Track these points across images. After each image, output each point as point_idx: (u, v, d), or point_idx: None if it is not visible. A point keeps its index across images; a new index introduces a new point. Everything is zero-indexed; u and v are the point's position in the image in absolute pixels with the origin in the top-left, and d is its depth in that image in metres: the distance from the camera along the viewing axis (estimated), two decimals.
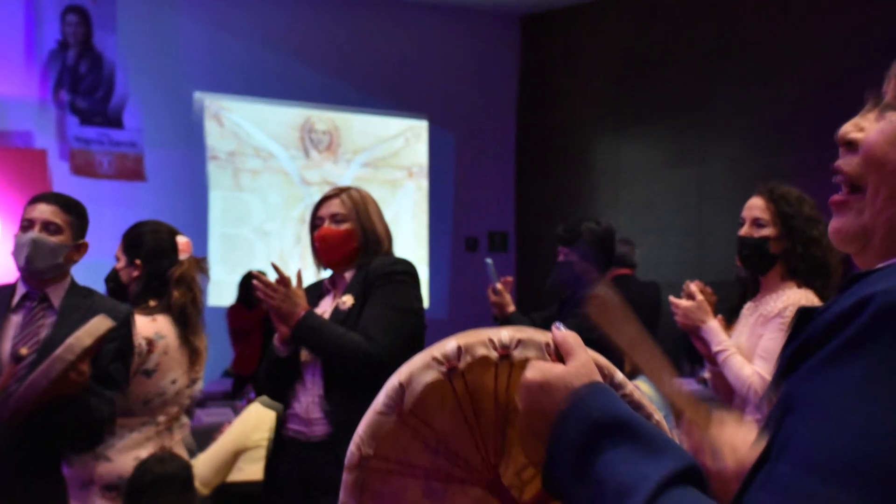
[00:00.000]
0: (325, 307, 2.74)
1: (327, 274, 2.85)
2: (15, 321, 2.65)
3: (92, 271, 3.05)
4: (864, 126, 0.89)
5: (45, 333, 2.61)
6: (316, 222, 2.78)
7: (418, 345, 2.61)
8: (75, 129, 6.99)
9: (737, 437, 1.08)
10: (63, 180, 6.60)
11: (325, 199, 2.81)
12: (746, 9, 6.94)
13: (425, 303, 2.89)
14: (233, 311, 6.68)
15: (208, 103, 7.56)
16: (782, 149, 6.47)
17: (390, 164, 8.35)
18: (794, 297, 2.59)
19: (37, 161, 6.56)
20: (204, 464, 3.32)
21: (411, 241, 8.12)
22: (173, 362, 2.90)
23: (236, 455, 3.36)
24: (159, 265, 2.91)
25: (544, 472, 0.88)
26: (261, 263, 6.86)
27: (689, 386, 4.06)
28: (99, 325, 2.45)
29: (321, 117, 8.02)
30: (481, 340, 1.00)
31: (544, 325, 2.11)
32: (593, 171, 8.05)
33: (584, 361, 0.93)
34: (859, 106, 0.94)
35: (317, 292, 2.80)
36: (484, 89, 8.47)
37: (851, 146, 0.89)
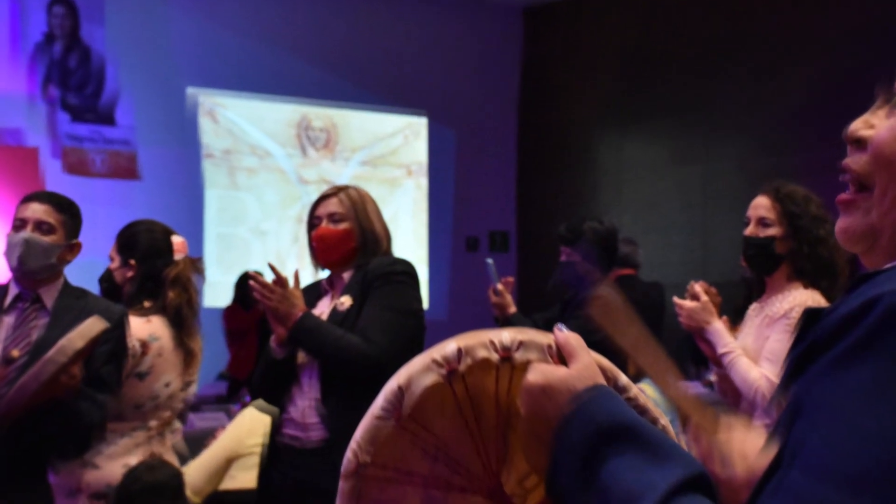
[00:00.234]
0: (322, 308, 2.72)
1: (325, 274, 2.83)
2: (7, 322, 2.63)
3: (85, 271, 3.03)
4: (874, 123, 0.89)
5: (38, 335, 2.59)
6: (313, 222, 2.77)
7: (418, 347, 2.59)
8: (66, 126, 6.92)
9: (746, 444, 1.07)
10: (56, 179, 6.54)
11: (323, 197, 2.78)
12: (753, 4, 6.93)
13: (425, 304, 2.87)
14: (229, 312, 6.67)
15: (202, 100, 7.50)
16: (788, 147, 6.46)
17: (389, 161, 8.32)
18: (800, 298, 2.58)
19: (28, 159, 6.53)
20: (195, 471, 3.29)
21: (411, 240, 8.10)
22: (167, 365, 2.87)
23: (229, 462, 3.32)
24: (154, 265, 2.89)
25: (547, 479, 0.86)
26: (257, 263, 6.82)
27: (694, 389, 4.05)
28: (92, 326, 2.43)
29: (318, 114, 7.97)
30: (482, 342, 0.99)
31: (546, 326, 2.09)
32: (596, 170, 8.03)
33: (587, 364, 0.92)
34: (866, 103, 0.94)
35: (314, 293, 2.78)
36: (485, 85, 8.41)
37: (860, 144, 0.89)
